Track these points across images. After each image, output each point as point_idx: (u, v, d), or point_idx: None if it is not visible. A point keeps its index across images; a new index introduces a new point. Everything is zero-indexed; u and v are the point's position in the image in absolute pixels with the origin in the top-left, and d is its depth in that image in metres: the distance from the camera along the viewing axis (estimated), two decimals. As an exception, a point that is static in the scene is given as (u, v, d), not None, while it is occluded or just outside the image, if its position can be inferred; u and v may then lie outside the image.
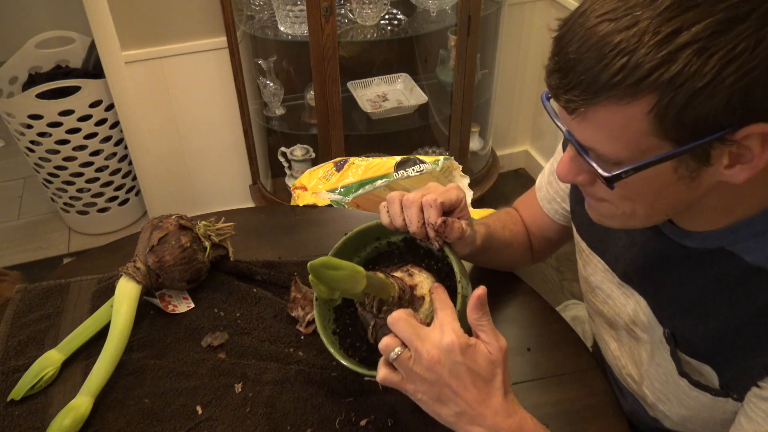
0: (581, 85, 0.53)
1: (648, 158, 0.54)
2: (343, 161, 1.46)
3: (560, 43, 0.55)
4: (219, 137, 2.19)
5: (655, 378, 0.75)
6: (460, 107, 2.05)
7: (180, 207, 2.26)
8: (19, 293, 0.97)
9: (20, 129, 2.03)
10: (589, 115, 0.54)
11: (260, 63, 1.99)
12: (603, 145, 0.56)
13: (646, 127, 0.52)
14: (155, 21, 1.91)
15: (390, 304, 0.69)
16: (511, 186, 2.55)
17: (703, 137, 0.52)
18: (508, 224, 0.96)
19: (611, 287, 0.80)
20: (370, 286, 0.66)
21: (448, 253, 0.73)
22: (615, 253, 0.79)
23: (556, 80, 0.55)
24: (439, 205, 0.72)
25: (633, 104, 0.51)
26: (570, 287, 2.04)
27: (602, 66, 0.51)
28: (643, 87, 0.50)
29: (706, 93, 0.49)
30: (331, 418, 0.77)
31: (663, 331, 0.71)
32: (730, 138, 0.52)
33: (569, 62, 0.53)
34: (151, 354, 0.87)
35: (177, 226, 0.93)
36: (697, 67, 0.48)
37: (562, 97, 0.55)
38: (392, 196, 0.75)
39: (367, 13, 1.87)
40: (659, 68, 0.49)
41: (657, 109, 0.51)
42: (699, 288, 0.67)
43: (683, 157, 0.54)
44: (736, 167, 0.55)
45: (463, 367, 0.61)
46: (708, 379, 0.67)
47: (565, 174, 0.64)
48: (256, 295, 0.95)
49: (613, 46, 0.50)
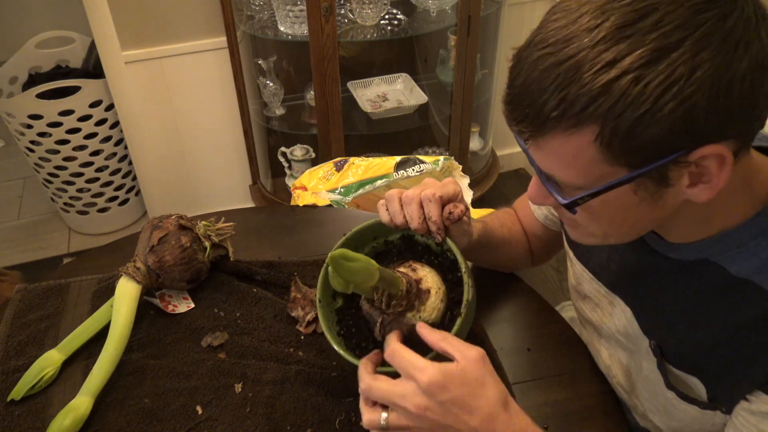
0: (528, 117, 0.54)
1: (604, 184, 0.55)
2: (343, 161, 1.46)
3: (511, 74, 0.56)
4: (219, 137, 2.19)
5: (644, 389, 0.74)
6: (460, 107, 2.05)
7: (180, 207, 2.27)
8: (19, 293, 0.97)
9: (20, 129, 2.03)
10: (541, 144, 0.55)
11: (260, 63, 1.99)
12: (560, 172, 0.57)
13: (595, 155, 0.53)
14: (155, 21, 1.91)
15: (399, 299, 0.70)
16: (511, 186, 2.54)
17: (655, 161, 0.52)
18: (506, 223, 0.97)
19: (598, 297, 0.80)
20: (382, 279, 0.67)
21: (450, 244, 0.74)
22: (599, 263, 0.79)
23: (507, 111, 0.57)
24: (438, 199, 0.73)
25: (577, 135, 0.52)
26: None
27: (543, 100, 0.52)
28: (584, 118, 0.51)
29: (646, 120, 0.49)
30: (331, 418, 0.77)
31: (649, 342, 0.71)
32: (685, 160, 0.52)
33: (516, 96, 0.55)
34: (151, 354, 0.87)
35: (177, 226, 0.93)
36: (635, 96, 0.49)
37: (514, 128, 0.57)
38: (391, 193, 0.76)
39: (367, 13, 1.87)
40: (596, 99, 0.50)
41: (600, 138, 0.51)
42: (684, 299, 0.66)
43: (640, 180, 0.54)
44: (698, 186, 0.55)
45: (452, 403, 0.60)
46: (696, 392, 0.67)
47: (534, 197, 0.65)
48: (256, 295, 0.95)
49: (552, 79, 0.51)
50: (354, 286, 0.66)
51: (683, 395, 0.68)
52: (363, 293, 0.71)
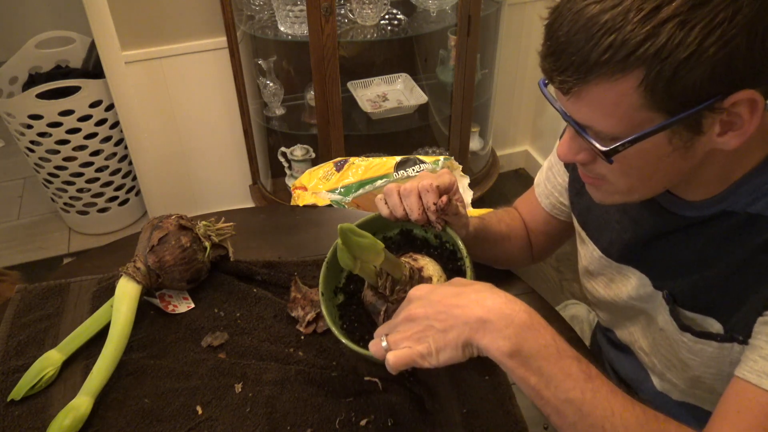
0: (573, 65, 0.56)
1: (642, 131, 0.57)
2: (343, 161, 1.46)
3: (551, 28, 0.58)
4: (219, 137, 2.19)
5: (661, 343, 0.76)
6: (460, 107, 2.05)
7: (180, 207, 2.27)
8: (19, 293, 0.97)
9: (20, 129, 2.03)
10: (583, 94, 0.57)
11: (260, 63, 1.99)
12: (599, 122, 0.59)
13: (637, 101, 0.55)
14: (155, 21, 1.91)
15: (403, 284, 0.71)
16: (511, 186, 2.55)
17: (693, 107, 0.54)
18: (504, 219, 0.98)
19: (611, 272, 0.82)
20: (387, 260, 0.69)
21: (450, 232, 0.76)
22: (610, 238, 0.81)
23: (549, 63, 0.59)
24: (435, 189, 0.75)
25: (623, 80, 0.54)
26: (570, 287, 2.04)
27: (591, 45, 0.54)
28: (631, 62, 0.53)
29: (690, 63, 0.52)
30: (331, 418, 0.77)
31: (662, 294, 0.73)
32: (720, 106, 0.55)
33: (560, 45, 0.56)
34: (151, 354, 0.87)
35: (177, 226, 0.93)
36: (680, 39, 0.51)
37: (556, 79, 0.58)
38: (389, 187, 0.78)
39: (367, 13, 1.87)
40: (644, 43, 0.52)
41: (646, 82, 0.54)
42: (697, 248, 0.69)
43: (676, 127, 0.57)
44: (728, 134, 0.58)
45: (440, 296, 0.62)
46: (713, 330, 0.69)
47: (565, 153, 0.66)
48: (256, 295, 0.95)
49: (601, 25, 0.53)
50: (360, 266, 0.68)
51: (699, 333, 0.70)
52: (367, 278, 0.72)
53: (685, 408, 0.80)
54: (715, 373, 0.71)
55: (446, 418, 0.77)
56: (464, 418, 0.77)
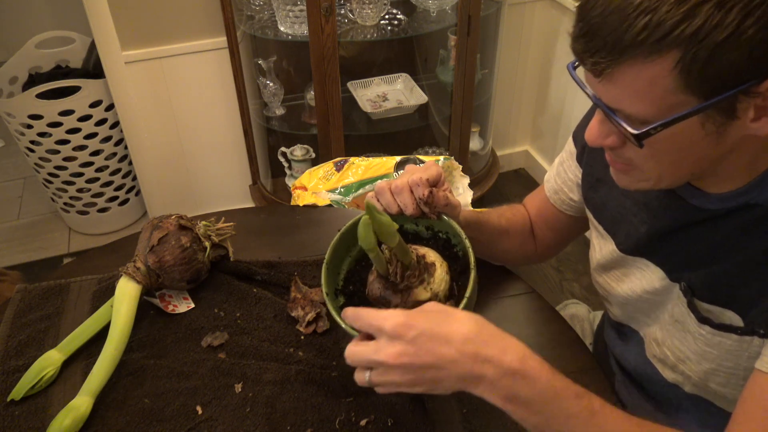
0: (607, 46, 0.54)
1: (675, 114, 0.56)
2: (343, 161, 1.46)
3: (584, 9, 0.57)
4: (219, 137, 2.19)
5: (675, 335, 0.76)
6: (460, 107, 2.05)
7: (180, 207, 2.27)
8: (19, 293, 0.97)
9: (20, 129, 2.03)
10: (616, 75, 0.56)
11: (260, 63, 1.99)
12: (630, 104, 0.57)
13: (671, 84, 0.54)
14: (155, 21, 1.91)
15: (412, 268, 0.72)
16: (511, 186, 2.55)
17: (728, 90, 0.53)
18: (505, 213, 0.98)
19: (625, 265, 0.82)
20: (400, 244, 0.70)
21: (446, 220, 0.78)
22: (627, 231, 0.80)
23: (581, 45, 0.57)
24: (425, 181, 0.76)
25: (658, 61, 0.53)
26: (570, 287, 2.04)
27: (626, 26, 0.53)
28: (667, 43, 0.52)
29: (728, 45, 0.50)
30: (331, 418, 0.77)
31: (680, 285, 0.73)
32: (755, 90, 0.53)
33: (594, 26, 0.55)
34: (151, 354, 0.87)
35: (177, 226, 0.93)
36: (718, 20, 0.50)
37: (588, 61, 0.57)
38: (380, 186, 0.78)
39: (367, 13, 1.87)
40: (681, 24, 0.51)
41: (681, 64, 0.52)
42: (716, 239, 0.68)
43: (709, 111, 0.55)
44: (762, 120, 0.56)
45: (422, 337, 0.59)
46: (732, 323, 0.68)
47: (594, 137, 0.65)
48: (256, 295, 0.95)
49: (635, 6, 0.52)
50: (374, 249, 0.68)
51: (718, 325, 0.69)
52: (378, 265, 0.72)
53: (696, 401, 0.79)
54: (731, 366, 0.70)
55: (446, 417, 0.77)
56: (464, 417, 0.77)
